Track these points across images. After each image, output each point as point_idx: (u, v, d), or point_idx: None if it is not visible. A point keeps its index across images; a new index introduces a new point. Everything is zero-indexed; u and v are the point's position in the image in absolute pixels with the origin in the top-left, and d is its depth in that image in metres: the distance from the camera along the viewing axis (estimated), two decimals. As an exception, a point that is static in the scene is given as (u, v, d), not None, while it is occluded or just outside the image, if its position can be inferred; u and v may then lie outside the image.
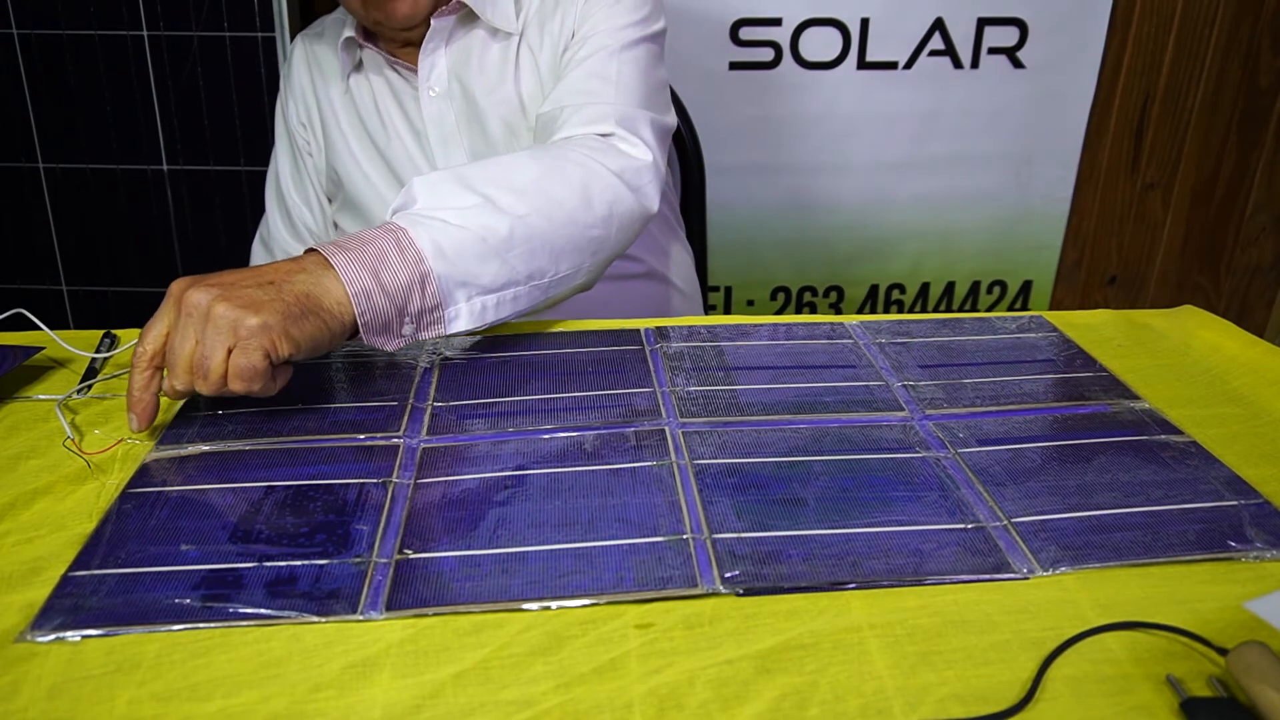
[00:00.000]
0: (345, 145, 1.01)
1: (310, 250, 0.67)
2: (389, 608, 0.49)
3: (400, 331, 0.69)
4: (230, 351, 0.61)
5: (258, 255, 1.13)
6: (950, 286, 1.73)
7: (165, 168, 1.51)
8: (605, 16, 0.93)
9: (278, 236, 1.10)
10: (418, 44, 0.97)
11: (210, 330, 0.61)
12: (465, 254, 0.70)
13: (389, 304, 0.67)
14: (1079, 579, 0.51)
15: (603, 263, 0.83)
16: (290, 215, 1.09)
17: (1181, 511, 0.56)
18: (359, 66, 1.01)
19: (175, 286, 0.64)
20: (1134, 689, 0.44)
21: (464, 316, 0.72)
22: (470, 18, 0.96)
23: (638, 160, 0.84)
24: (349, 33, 0.98)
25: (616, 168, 0.82)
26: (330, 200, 1.08)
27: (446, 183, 0.74)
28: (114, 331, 0.80)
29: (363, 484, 0.59)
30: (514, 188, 0.75)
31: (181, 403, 0.69)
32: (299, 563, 0.52)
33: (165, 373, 0.63)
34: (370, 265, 0.66)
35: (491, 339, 0.79)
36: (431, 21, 0.94)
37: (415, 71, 0.97)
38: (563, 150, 0.81)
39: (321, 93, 1.03)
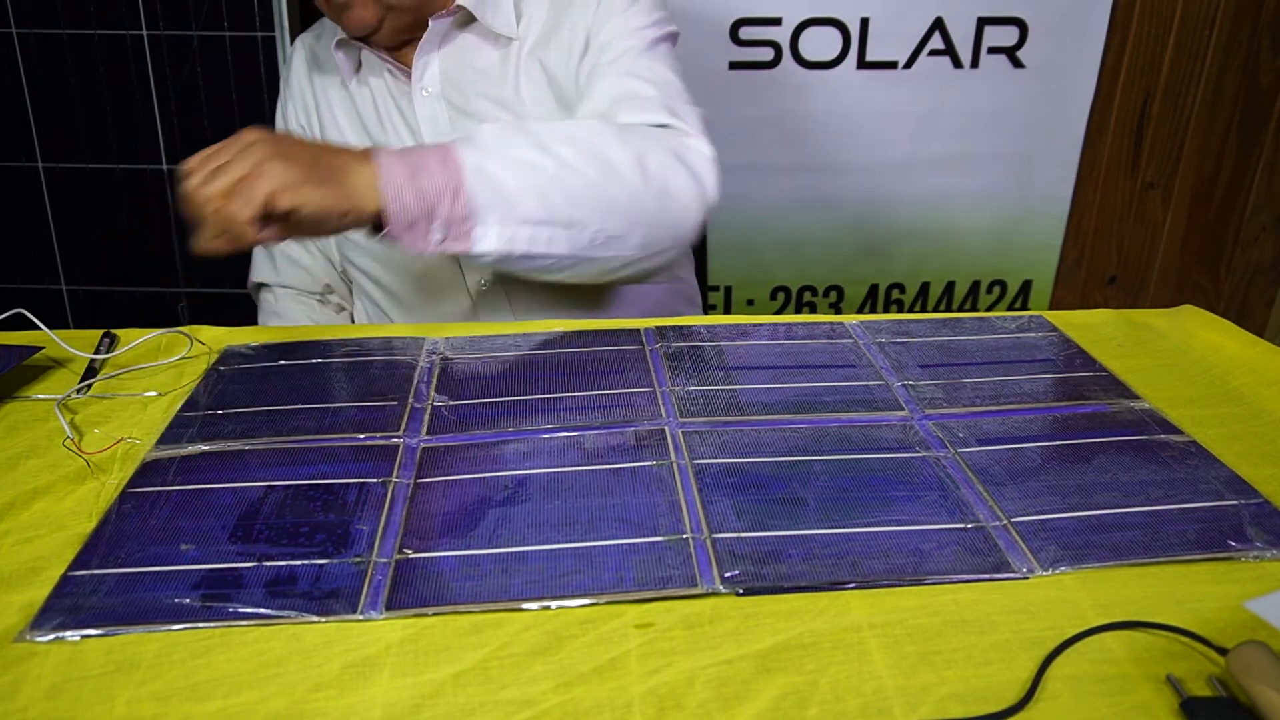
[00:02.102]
0: (343, 140, 1.01)
1: (365, 146, 0.72)
2: (389, 607, 0.49)
3: (429, 235, 0.72)
4: (243, 179, 0.66)
5: (260, 264, 1.13)
6: (950, 286, 1.73)
7: (165, 168, 1.51)
8: (623, 20, 0.93)
9: (286, 245, 1.10)
10: (414, 44, 0.97)
11: (241, 154, 0.67)
12: (505, 180, 0.73)
13: (419, 204, 0.70)
14: (1079, 579, 0.51)
15: (658, 241, 0.81)
16: None
17: (1181, 511, 0.56)
18: (359, 67, 1.01)
19: (246, 131, 0.70)
20: (1134, 689, 0.44)
21: (492, 238, 0.73)
22: (468, 21, 0.96)
23: (698, 151, 0.84)
24: (341, 35, 0.98)
25: (678, 150, 0.82)
26: None
27: (510, 128, 0.77)
28: (113, 331, 0.80)
29: (363, 484, 0.59)
30: (572, 139, 0.77)
31: (182, 402, 0.69)
32: (299, 562, 0.52)
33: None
34: (410, 166, 0.71)
35: (491, 339, 0.79)
36: (429, 23, 0.94)
37: (407, 72, 0.98)
38: (627, 126, 0.82)
39: (320, 93, 1.03)
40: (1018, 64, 1.56)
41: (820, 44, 1.54)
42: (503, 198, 0.73)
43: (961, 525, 0.55)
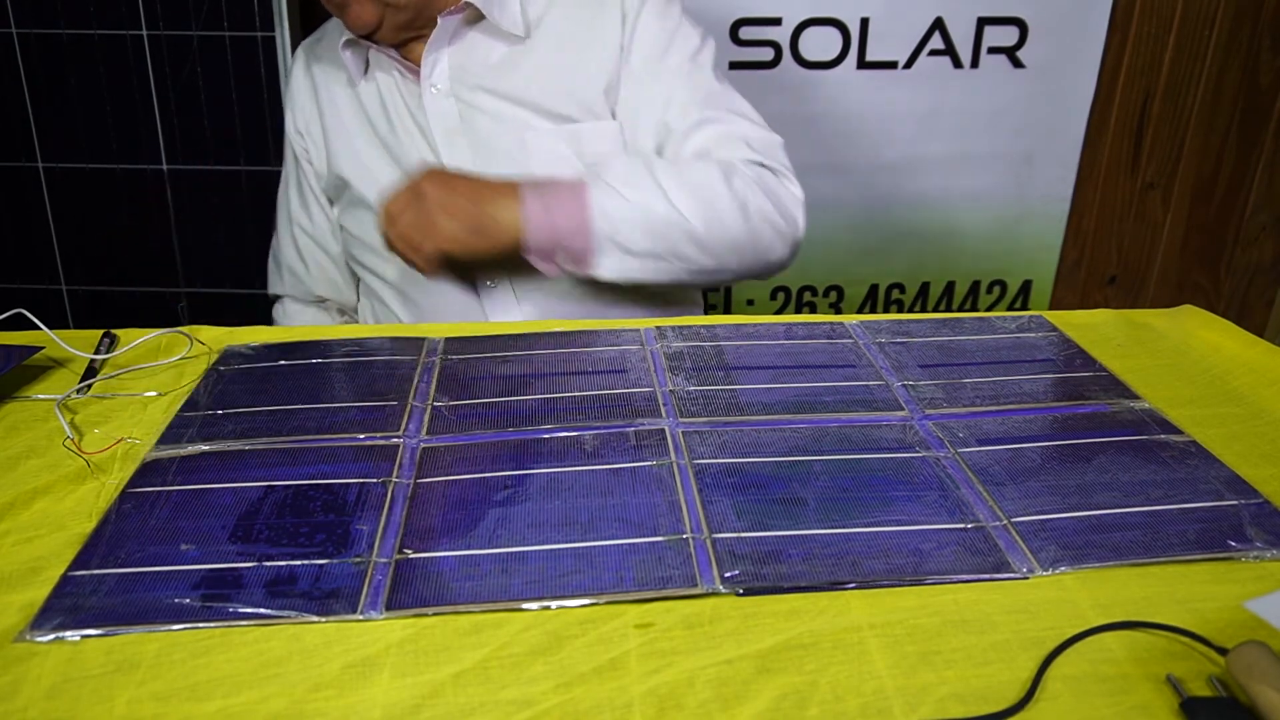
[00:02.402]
0: (351, 145, 1.02)
1: (514, 181, 0.86)
2: (389, 607, 0.49)
3: (555, 260, 0.87)
4: (418, 228, 0.83)
5: (271, 274, 1.14)
6: (950, 286, 1.73)
7: (165, 168, 1.51)
8: (683, 42, 0.97)
9: (286, 254, 1.12)
10: (422, 41, 0.97)
11: (414, 206, 0.84)
12: (626, 221, 0.86)
13: (551, 238, 0.85)
14: (1079, 579, 0.51)
15: (748, 273, 0.93)
16: (294, 232, 1.11)
17: (1181, 511, 0.56)
18: (367, 67, 1.01)
19: (424, 172, 0.85)
20: (1134, 689, 0.44)
21: (608, 267, 0.87)
22: (476, 18, 0.96)
23: (791, 194, 0.94)
24: (348, 34, 0.98)
25: (774, 194, 0.92)
26: (332, 202, 1.08)
27: (636, 167, 0.89)
28: (113, 331, 0.80)
29: (363, 484, 0.59)
30: (686, 184, 0.88)
31: (182, 402, 0.69)
32: (299, 562, 0.52)
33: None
34: (546, 204, 0.85)
35: (491, 339, 0.79)
36: (438, 20, 0.95)
37: (414, 69, 0.98)
38: (733, 168, 0.91)
39: (325, 98, 1.03)
40: (1018, 64, 1.56)
41: (820, 44, 1.54)
42: (621, 238, 0.86)
43: (961, 525, 0.55)
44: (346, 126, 1.02)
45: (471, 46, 0.97)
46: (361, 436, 0.64)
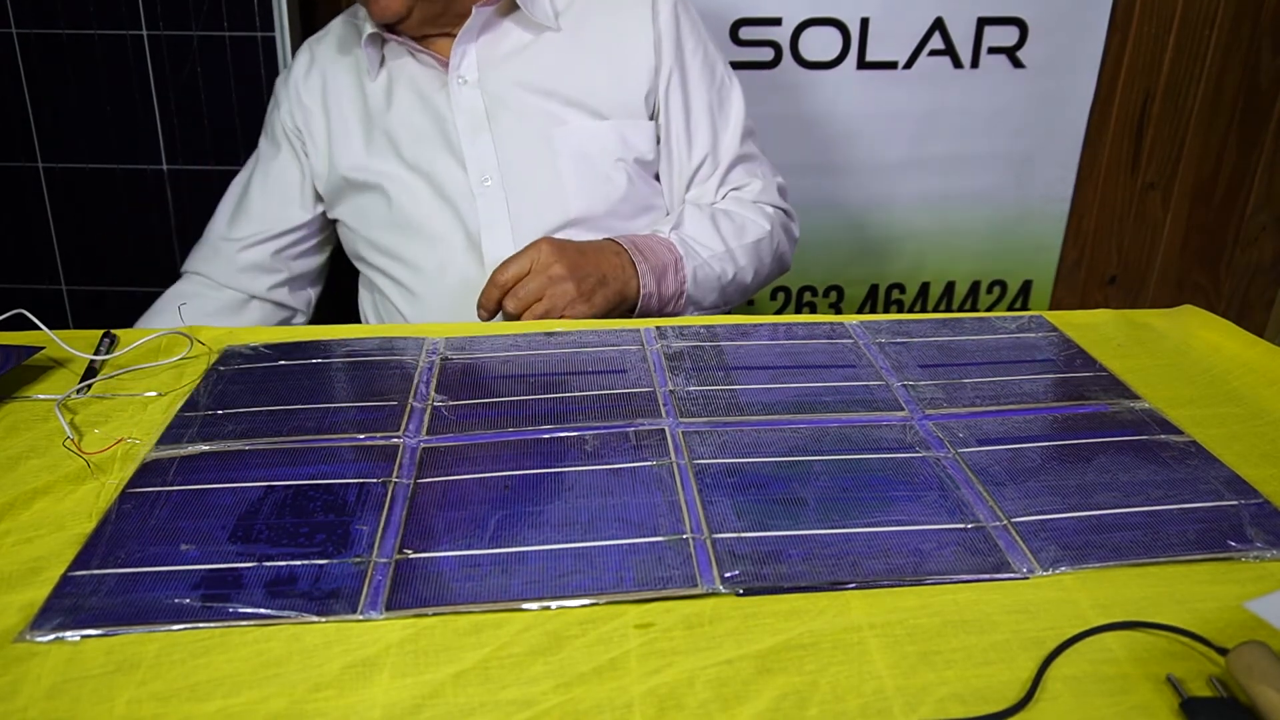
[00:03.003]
0: (355, 141, 1.02)
1: (622, 248, 0.93)
2: (389, 608, 0.49)
3: (652, 311, 0.97)
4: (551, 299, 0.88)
5: (192, 252, 1.12)
6: (950, 286, 1.73)
7: (165, 168, 1.51)
8: (698, 38, 1.04)
9: (217, 227, 1.10)
10: (450, 34, 0.97)
11: (551, 291, 0.88)
12: (705, 285, 0.99)
13: (658, 301, 0.96)
14: (1079, 579, 0.51)
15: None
16: (240, 207, 1.09)
17: (1181, 511, 0.56)
18: (382, 62, 1.01)
19: (544, 245, 0.89)
20: (1134, 689, 0.44)
21: (685, 314, 1.00)
22: (509, 9, 0.97)
23: (794, 235, 1.11)
24: (371, 29, 0.98)
25: (790, 236, 1.10)
26: (321, 199, 1.08)
27: (705, 222, 1.00)
28: (113, 331, 0.80)
29: (363, 484, 0.59)
30: (744, 245, 1.02)
31: (182, 402, 0.69)
32: (299, 563, 0.52)
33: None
34: (657, 276, 0.95)
35: (491, 339, 0.79)
36: (474, 10, 0.95)
37: (441, 61, 0.98)
38: (772, 220, 1.06)
39: (331, 93, 1.03)
40: (1018, 64, 1.56)
41: (820, 44, 1.54)
42: (699, 296, 0.99)
43: (961, 525, 0.55)
44: (350, 123, 1.02)
45: (501, 38, 0.97)
46: (361, 436, 0.64)
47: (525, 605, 0.49)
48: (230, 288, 1.08)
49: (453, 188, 0.99)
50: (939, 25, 1.53)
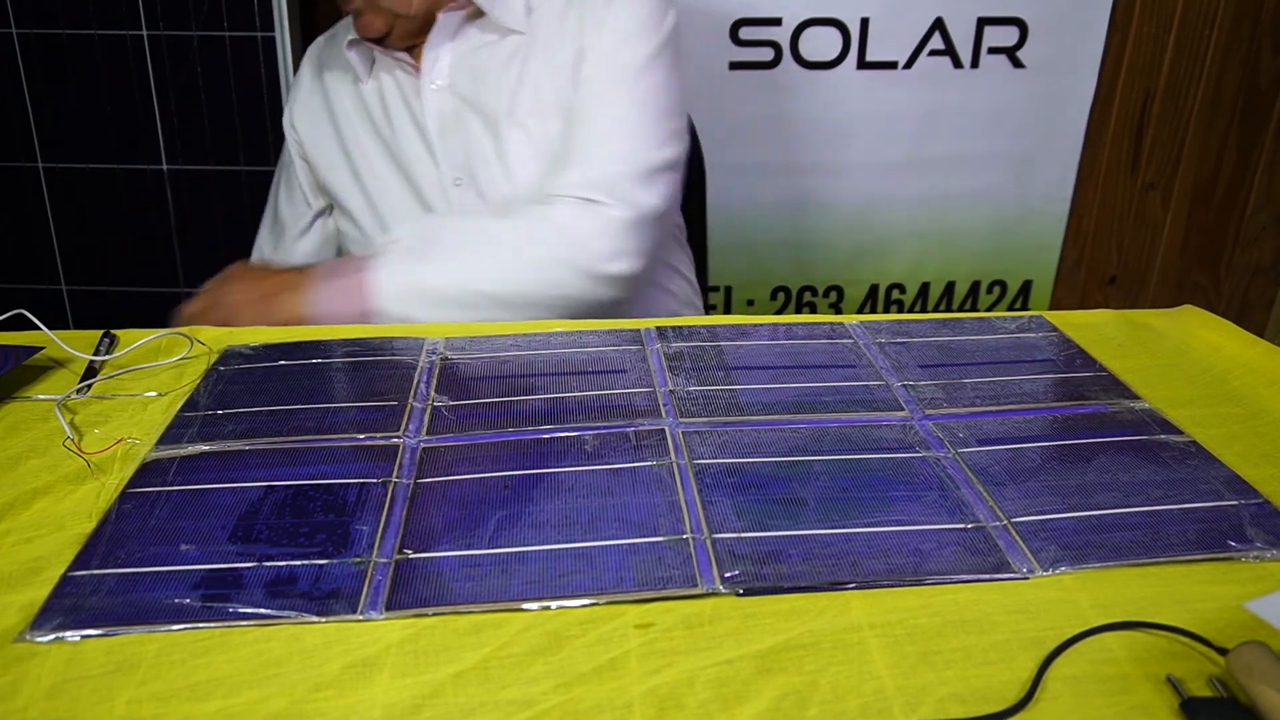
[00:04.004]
0: (358, 146, 1.02)
1: (308, 268, 0.90)
2: (389, 608, 0.49)
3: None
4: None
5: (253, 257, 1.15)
6: (950, 286, 1.73)
7: (165, 168, 1.51)
8: (616, 28, 0.94)
9: (261, 237, 1.14)
10: (424, 40, 0.97)
11: (217, 312, 0.89)
12: (410, 300, 0.88)
13: (340, 319, 0.87)
14: (1079, 579, 0.51)
15: (551, 313, 0.89)
16: (272, 222, 1.13)
17: (1181, 511, 0.56)
18: (373, 64, 1.02)
19: (231, 270, 0.93)
20: (1134, 689, 0.44)
21: (398, 323, 0.88)
22: (477, 14, 0.96)
23: (608, 227, 0.89)
24: (352, 35, 0.98)
25: (578, 247, 0.89)
26: (322, 197, 1.09)
27: (428, 239, 0.91)
28: (113, 331, 0.80)
29: (363, 484, 0.59)
30: (482, 251, 0.89)
31: (182, 402, 0.69)
32: (299, 563, 0.52)
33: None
34: (331, 298, 0.88)
35: (491, 339, 0.79)
36: (438, 16, 0.95)
37: (415, 67, 0.98)
38: (535, 224, 0.90)
39: (334, 95, 1.04)
40: (1018, 64, 1.56)
41: (820, 44, 1.54)
42: (408, 315, 0.87)
43: (961, 525, 0.55)
44: (354, 123, 1.03)
45: (473, 42, 0.97)
46: (361, 436, 0.64)
47: (525, 605, 0.49)
48: None
49: (429, 190, 1.00)
50: (939, 25, 1.53)
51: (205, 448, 0.63)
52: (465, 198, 0.98)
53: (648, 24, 0.94)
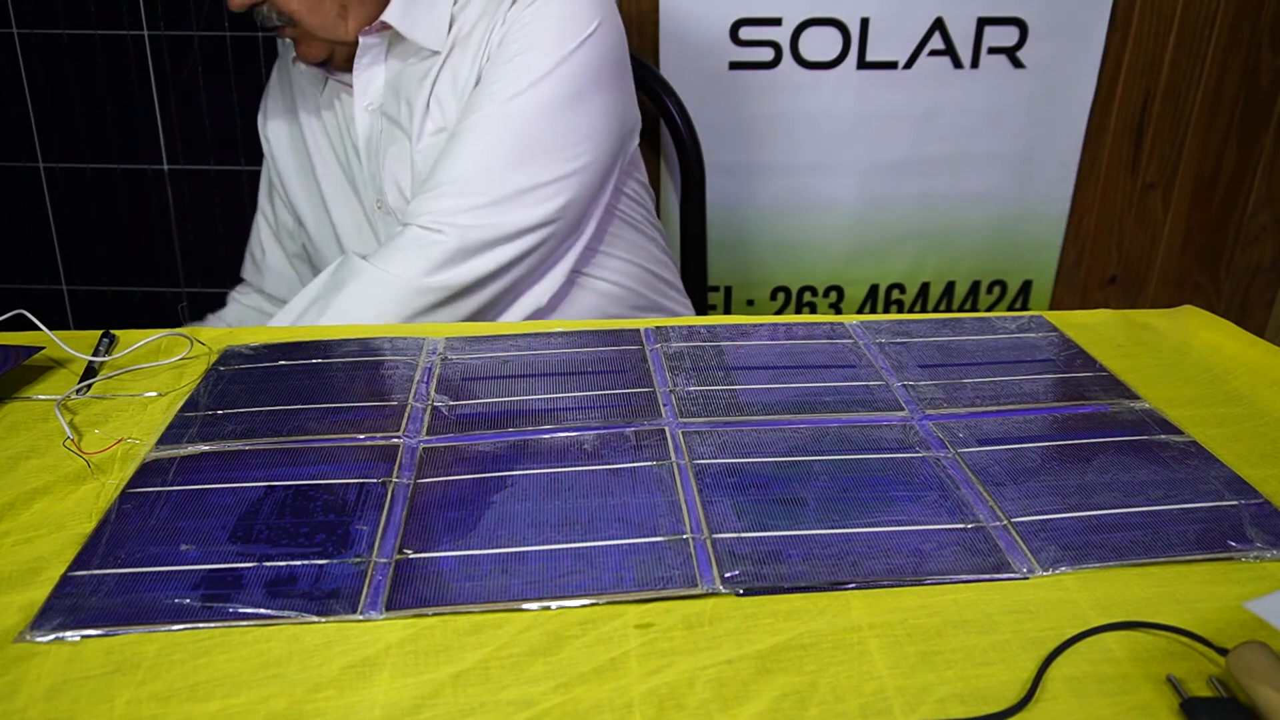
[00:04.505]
0: (318, 150, 1.04)
1: None
2: (389, 608, 0.49)
3: None
4: None
5: (246, 265, 1.17)
6: (950, 286, 1.73)
7: (165, 168, 1.51)
8: (512, 50, 0.90)
9: (252, 240, 1.16)
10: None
11: None
12: None
13: None
14: (1079, 579, 0.51)
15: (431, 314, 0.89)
16: (260, 222, 1.14)
17: (1181, 511, 0.56)
18: (326, 81, 1.03)
19: None
20: (1134, 689, 0.44)
21: None
22: (399, 35, 0.95)
23: (433, 253, 0.88)
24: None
25: (402, 294, 0.88)
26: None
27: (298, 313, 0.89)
28: (113, 331, 0.80)
29: (363, 484, 0.59)
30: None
31: (182, 402, 0.69)
32: (299, 563, 0.52)
33: None
34: None
35: (491, 339, 0.79)
36: (360, 39, 0.95)
37: (349, 88, 0.99)
38: (368, 286, 0.88)
39: (300, 100, 1.05)
40: (1018, 64, 1.56)
41: (820, 44, 1.53)
42: None
43: (961, 525, 0.55)
44: (315, 134, 1.04)
45: (404, 62, 0.97)
46: (361, 436, 0.64)
47: (525, 605, 0.49)
48: (280, 298, 1.15)
49: (369, 209, 1.01)
50: (939, 25, 1.53)
51: (205, 448, 0.63)
52: (387, 220, 0.99)
53: (549, 48, 0.90)
